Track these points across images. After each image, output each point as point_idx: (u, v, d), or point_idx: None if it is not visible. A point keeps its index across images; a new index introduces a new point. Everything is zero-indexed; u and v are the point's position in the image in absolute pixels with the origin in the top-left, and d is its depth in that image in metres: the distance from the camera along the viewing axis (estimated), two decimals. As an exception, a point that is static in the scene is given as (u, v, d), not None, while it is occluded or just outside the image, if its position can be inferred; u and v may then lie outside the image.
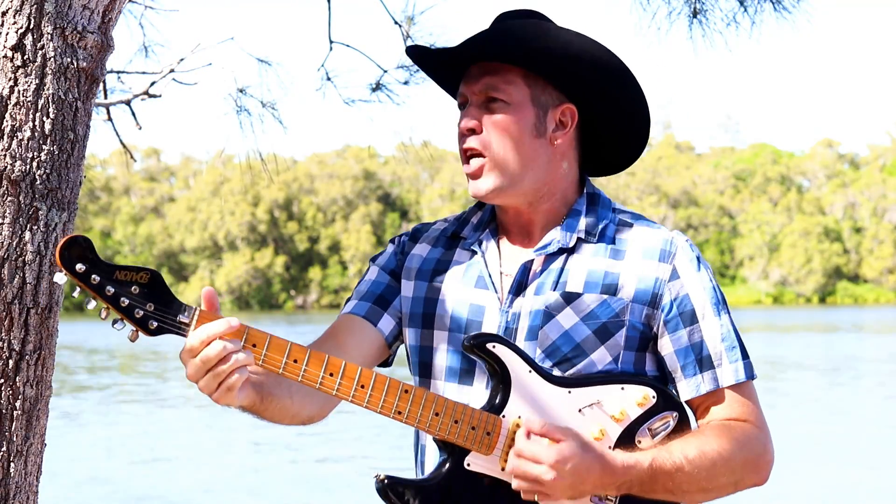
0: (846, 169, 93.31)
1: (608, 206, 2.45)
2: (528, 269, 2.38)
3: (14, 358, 2.22)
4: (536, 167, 2.38)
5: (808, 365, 27.31)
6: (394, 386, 2.22)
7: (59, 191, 2.25)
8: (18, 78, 2.21)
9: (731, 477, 2.30)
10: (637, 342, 2.34)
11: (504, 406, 2.26)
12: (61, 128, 2.25)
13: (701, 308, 2.35)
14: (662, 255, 2.37)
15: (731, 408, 2.35)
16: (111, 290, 2.07)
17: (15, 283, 2.21)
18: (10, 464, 2.23)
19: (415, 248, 2.52)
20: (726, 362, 2.35)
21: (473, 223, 2.50)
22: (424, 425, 2.24)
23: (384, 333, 2.45)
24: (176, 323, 2.10)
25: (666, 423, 2.31)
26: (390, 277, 2.50)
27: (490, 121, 2.37)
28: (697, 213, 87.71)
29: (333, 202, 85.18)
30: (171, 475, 13.08)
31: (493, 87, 2.37)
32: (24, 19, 2.21)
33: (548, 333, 2.33)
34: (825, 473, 12.69)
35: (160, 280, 2.11)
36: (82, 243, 2.05)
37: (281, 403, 2.24)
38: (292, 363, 2.17)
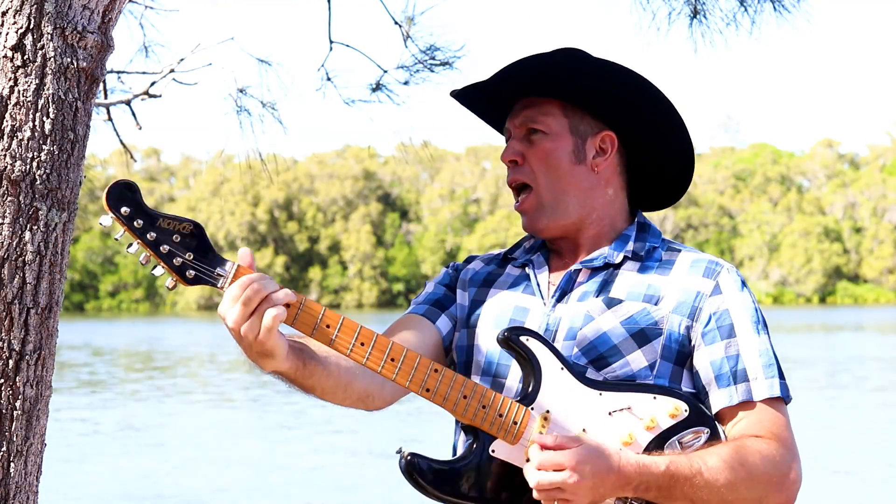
0: (846, 169, 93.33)
1: (658, 236, 2.52)
2: (573, 279, 2.44)
3: (14, 358, 2.22)
4: (579, 192, 2.47)
5: (808, 365, 27.31)
6: (424, 364, 2.24)
7: (59, 191, 2.25)
8: (18, 78, 2.21)
9: (753, 492, 2.28)
10: (674, 355, 2.36)
11: (534, 399, 2.28)
12: (61, 128, 2.25)
13: (740, 324, 2.37)
14: (707, 272, 2.41)
15: (760, 424, 2.34)
16: (153, 236, 2.12)
17: (15, 283, 2.21)
18: (10, 464, 2.23)
19: (470, 265, 2.61)
20: (762, 377, 2.35)
21: (525, 247, 2.60)
22: (451, 406, 2.25)
23: (442, 332, 2.50)
24: (213, 274, 2.14)
25: (697, 437, 2.30)
26: (446, 289, 2.57)
27: (530, 150, 2.48)
28: (697, 213, 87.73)
29: (333, 202, 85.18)
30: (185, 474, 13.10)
31: (532, 119, 2.48)
32: (24, 19, 2.21)
33: (586, 334, 2.36)
34: (825, 474, 12.69)
35: (202, 232, 2.15)
36: (129, 188, 2.11)
37: (326, 371, 2.25)
38: (325, 327, 2.19)
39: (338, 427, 16.29)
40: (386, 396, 2.39)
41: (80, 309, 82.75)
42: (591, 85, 2.45)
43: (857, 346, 34.48)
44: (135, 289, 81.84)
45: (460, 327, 2.52)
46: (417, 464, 2.24)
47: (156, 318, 73.75)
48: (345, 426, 16.36)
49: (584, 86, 2.45)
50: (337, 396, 2.31)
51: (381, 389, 2.36)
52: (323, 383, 2.26)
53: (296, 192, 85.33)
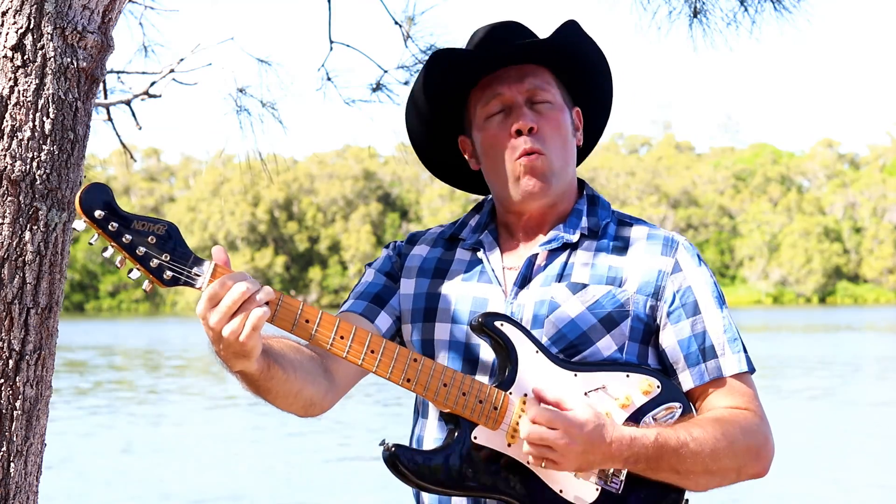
0: (846, 169, 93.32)
1: (607, 208, 2.50)
2: (533, 263, 2.42)
3: (14, 358, 2.22)
4: (572, 166, 2.48)
5: (808, 365, 27.31)
6: (403, 354, 2.24)
7: (59, 191, 2.25)
8: (18, 78, 2.21)
9: (734, 461, 2.32)
10: (641, 334, 2.37)
11: (511, 383, 2.29)
12: (61, 128, 2.25)
13: (703, 300, 2.39)
14: (664, 250, 2.41)
15: (732, 397, 2.37)
16: (128, 238, 2.10)
17: (15, 283, 2.21)
18: (10, 464, 2.23)
19: (413, 250, 2.54)
20: (729, 352, 2.38)
21: (472, 225, 2.53)
22: (432, 395, 2.25)
23: (381, 330, 2.46)
24: (191, 275, 2.13)
25: (671, 412, 2.33)
26: (386, 278, 2.52)
27: (542, 120, 2.42)
28: (697, 213, 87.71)
29: (333, 202, 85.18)
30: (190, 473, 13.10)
31: (539, 87, 2.44)
32: (24, 19, 2.21)
33: (554, 322, 2.35)
34: (825, 473, 12.69)
35: (177, 232, 2.13)
36: (102, 191, 2.08)
37: (285, 376, 2.23)
38: (304, 322, 2.18)
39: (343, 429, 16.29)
40: (325, 405, 2.37)
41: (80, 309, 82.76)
42: (580, 61, 2.47)
43: (857, 346, 34.48)
44: (135, 289, 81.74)
45: (411, 320, 2.47)
46: (400, 454, 2.24)
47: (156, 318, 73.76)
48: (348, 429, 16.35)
49: (577, 61, 2.46)
50: (287, 401, 2.28)
51: (322, 398, 2.35)
52: (279, 387, 2.24)
53: (296, 192, 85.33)
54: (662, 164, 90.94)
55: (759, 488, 11.08)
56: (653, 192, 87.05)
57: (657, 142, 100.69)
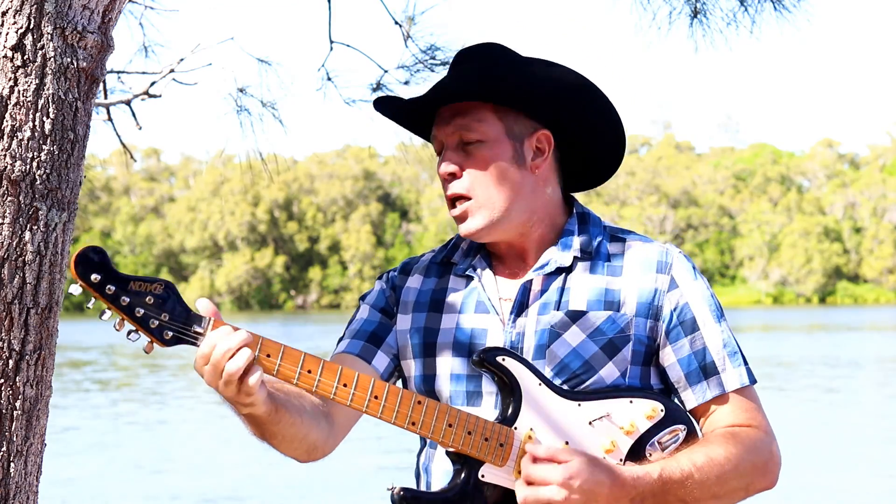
0: (846, 169, 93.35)
1: (598, 224, 2.46)
2: (528, 290, 2.38)
3: (14, 358, 2.22)
4: (522, 198, 2.38)
5: (808, 365, 27.31)
6: (407, 397, 2.22)
7: (59, 191, 2.25)
8: (18, 78, 2.21)
9: (741, 482, 2.30)
10: (642, 356, 2.35)
11: (516, 418, 2.26)
12: (61, 128, 2.25)
13: (701, 315, 2.37)
14: (659, 267, 2.39)
15: (735, 413, 2.36)
16: (126, 301, 2.09)
17: (15, 283, 2.21)
18: (10, 464, 2.23)
19: (408, 282, 2.50)
20: (730, 367, 2.36)
21: (463, 248, 2.49)
22: (438, 436, 2.23)
23: (379, 371, 2.43)
24: (191, 333, 2.13)
25: (675, 436, 2.32)
26: (381, 315, 2.48)
27: (469, 162, 2.37)
28: (697, 213, 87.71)
29: (333, 202, 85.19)
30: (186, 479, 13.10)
31: (466, 127, 2.37)
32: (24, 19, 2.21)
33: (555, 352, 2.33)
34: (825, 473, 12.69)
35: (174, 291, 2.12)
36: (97, 254, 2.08)
37: (292, 419, 2.23)
38: (306, 373, 2.17)
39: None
40: (327, 449, 2.36)
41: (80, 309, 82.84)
42: (522, 84, 2.36)
43: (857, 347, 34.48)
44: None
45: (411, 356, 2.44)
46: (409, 498, 2.23)
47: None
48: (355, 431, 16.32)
49: (514, 86, 2.36)
50: (292, 445, 2.28)
51: (324, 443, 2.34)
52: (285, 431, 2.23)
53: (296, 192, 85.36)
54: (662, 164, 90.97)
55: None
56: (653, 192, 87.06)
57: (657, 142, 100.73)
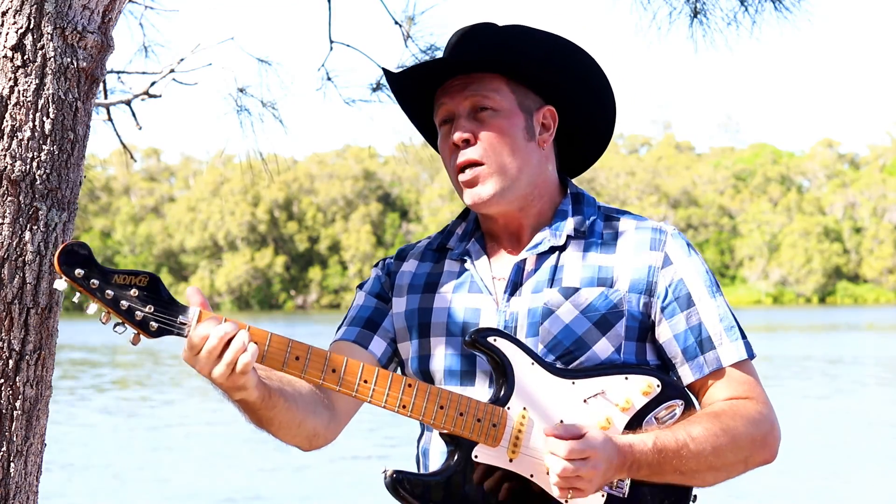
0: (846, 169, 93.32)
1: (593, 204, 2.47)
2: (522, 269, 2.40)
3: (14, 358, 2.22)
4: (529, 170, 2.41)
5: (808, 365, 27.30)
6: (397, 380, 2.24)
7: (59, 191, 2.25)
8: (18, 78, 2.21)
9: (739, 454, 2.31)
10: (637, 332, 2.36)
11: (508, 399, 2.27)
12: (61, 128, 2.25)
13: (696, 291, 2.37)
14: (653, 244, 2.39)
15: (733, 387, 2.36)
16: (111, 294, 2.11)
17: (15, 283, 2.21)
18: (10, 464, 2.23)
19: (403, 266, 2.52)
20: (727, 341, 2.36)
21: (458, 234, 2.51)
22: (430, 418, 2.24)
23: (376, 355, 2.45)
24: (176, 324, 2.13)
25: (672, 411, 2.32)
26: (377, 300, 2.50)
27: (483, 129, 2.38)
28: (697, 213, 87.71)
29: (333, 202, 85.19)
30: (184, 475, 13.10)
31: (482, 95, 2.39)
32: (24, 19, 2.21)
33: (549, 329, 2.33)
34: (824, 473, 12.69)
35: (159, 282, 2.14)
36: (80, 248, 2.09)
37: (287, 405, 2.24)
38: (294, 360, 2.18)
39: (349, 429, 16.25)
40: (329, 436, 2.37)
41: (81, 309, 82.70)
42: (534, 59, 2.39)
43: (857, 347, 34.47)
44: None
45: (407, 337, 2.45)
46: (402, 479, 2.24)
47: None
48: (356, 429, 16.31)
49: (529, 60, 2.39)
50: (290, 432, 2.29)
51: (325, 429, 2.35)
52: (281, 416, 2.25)
53: (296, 192, 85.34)
54: (662, 164, 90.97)
55: (760, 488, 11.09)
56: (653, 192, 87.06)
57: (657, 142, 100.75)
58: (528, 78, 2.42)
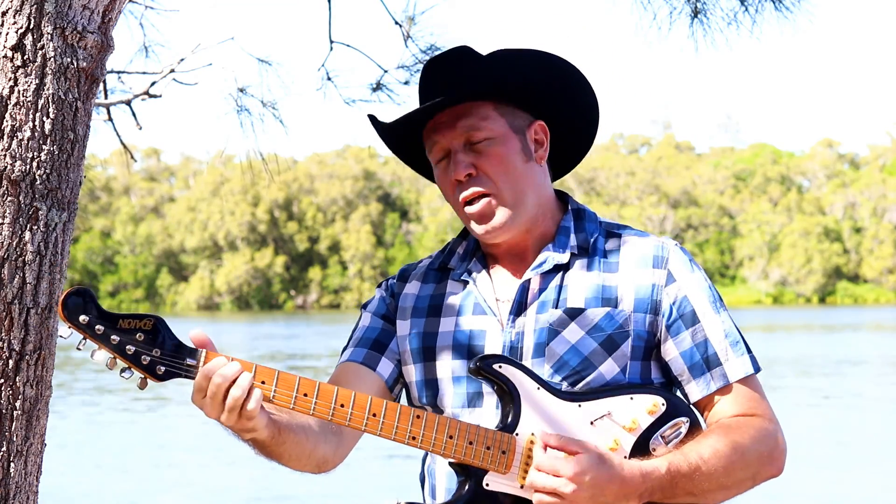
0: (846, 169, 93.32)
1: (595, 220, 2.47)
2: (527, 289, 2.39)
3: (14, 358, 2.22)
4: (534, 191, 2.41)
5: (808, 365, 27.31)
6: (405, 412, 2.22)
7: (59, 191, 2.25)
8: (18, 78, 2.21)
9: (748, 471, 2.31)
10: (642, 351, 2.35)
11: (516, 424, 2.26)
12: (61, 128, 2.25)
13: (700, 307, 2.37)
14: (656, 262, 2.38)
15: (739, 403, 2.36)
16: (116, 339, 2.10)
17: (15, 283, 2.21)
18: (10, 464, 2.23)
19: (406, 288, 2.51)
20: (733, 357, 2.36)
21: (460, 253, 2.50)
22: (440, 449, 2.23)
23: (384, 377, 2.44)
24: (184, 366, 2.13)
25: (678, 429, 2.32)
26: (383, 322, 2.49)
27: (482, 160, 2.37)
28: (697, 213, 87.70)
29: (333, 202, 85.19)
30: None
31: (474, 126, 2.37)
32: (24, 19, 2.21)
33: (555, 349, 2.33)
34: (824, 473, 12.69)
35: (164, 325, 2.13)
36: (83, 295, 2.09)
37: (296, 438, 2.24)
38: (302, 397, 2.18)
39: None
40: (337, 460, 2.38)
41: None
42: (518, 78, 2.38)
43: (857, 347, 34.47)
44: (135, 289, 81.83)
45: (412, 361, 2.44)
46: None
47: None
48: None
49: (514, 81, 2.38)
50: (301, 462, 2.29)
51: (333, 455, 2.36)
52: (291, 450, 2.25)
53: (296, 192, 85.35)
54: (662, 164, 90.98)
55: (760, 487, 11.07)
56: (653, 192, 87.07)
57: (657, 142, 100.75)
58: (514, 98, 2.41)
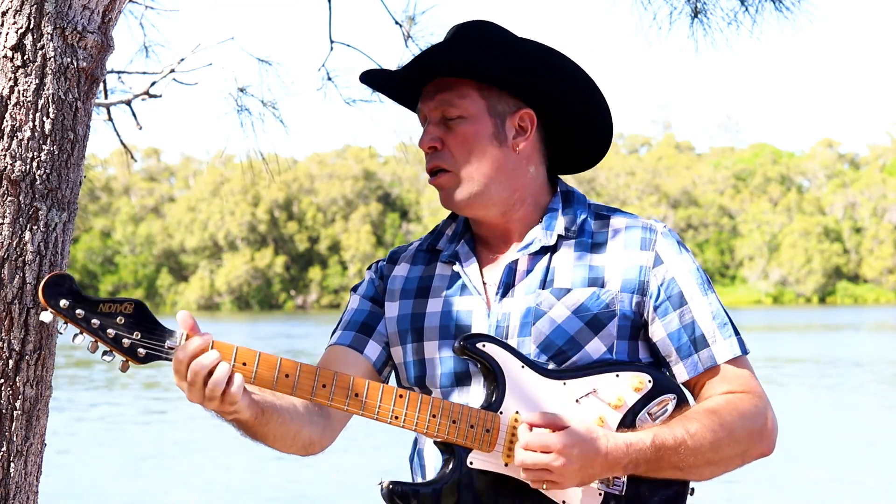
0: (846, 169, 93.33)
1: (583, 202, 2.47)
2: (514, 270, 2.40)
3: (14, 358, 2.22)
4: (502, 175, 2.41)
5: (808, 365, 27.31)
6: (388, 392, 2.24)
7: (59, 191, 2.25)
8: (18, 78, 2.21)
9: (736, 448, 2.32)
10: (629, 331, 2.36)
11: (500, 403, 2.28)
12: (61, 128, 2.25)
13: (688, 289, 2.38)
14: (644, 243, 2.39)
15: (728, 382, 2.37)
16: (97, 323, 2.13)
17: (15, 283, 2.21)
18: (10, 464, 2.23)
19: (395, 270, 2.53)
20: (720, 339, 2.37)
21: (448, 235, 2.52)
22: (423, 428, 2.25)
23: (371, 359, 2.45)
24: (164, 349, 2.15)
25: (664, 406, 2.33)
26: (371, 304, 2.50)
27: (450, 136, 2.40)
28: (697, 213, 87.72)
29: (333, 202, 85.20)
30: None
31: (448, 102, 2.40)
32: (24, 19, 2.21)
33: (541, 329, 2.33)
34: (823, 474, 12.69)
35: (145, 309, 2.15)
36: (64, 280, 2.11)
37: (281, 419, 2.25)
38: (284, 377, 2.19)
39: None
40: (325, 442, 2.38)
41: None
42: (505, 62, 2.38)
43: (857, 347, 34.48)
44: (135, 289, 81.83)
45: (400, 342, 2.45)
46: (399, 490, 2.25)
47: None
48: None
49: (499, 63, 2.38)
50: (285, 443, 2.30)
51: (321, 437, 2.36)
52: (275, 431, 2.26)
53: (296, 192, 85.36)
54: (662, 164, 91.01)
55: (761, 486, 11.09)
56: (653, 192, 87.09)
57: (657, 142, 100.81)
58: (500, 82, 2.41)
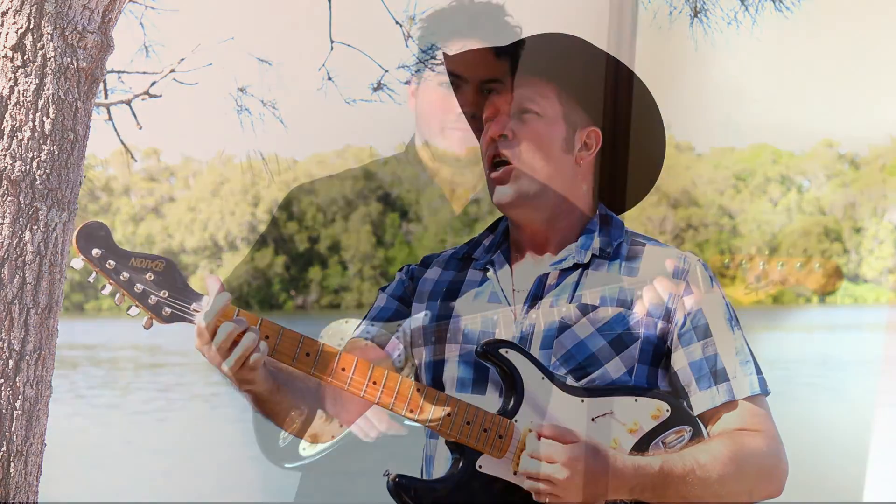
0: (846, 169, 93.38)
1: (621, 227, 2.48)
2: (544, 283, 2.40)
3: (14, 358, 2.22)
4: (561, 182, 2.42)
5: (808, 364, 27.29)
6: (406, 384, 2.24)
7: (59, 191, 2.25)
8: (18, 78, 2.21)
9: (744, 485, 2.31)
10: (651, 356, 2.36)
11: (516, 411, 2.27)
12: (61, 128, 2.25)
13: (714, 322, 2.38)
14: (676, 272, 2.40)
15: (744, 419, 2.35)
16: (126, 276, 2.14)
17: (15, 283, 2.21)
18: (10, 464, 2.23)
19: (426, 273, 2.53)
20: (741, 375, 2.36)
21: (485, 245, 2.52)
22: (436, 424, 2.25)
23: (392, 356, 2.45)
24: (189, 311, 2.16)
25: (680, 437, 2.32)
26: (398, 303, 2.51)
27: (523, 129, 2.41)
28: (697, 213, 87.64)
29: (333, 202, 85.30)
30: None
31: (529, 98, 2.42)
32: (24, 19, 2.21)
33: (563, 342, 2.34)
34: (823, 473, 12.68)
35: (175, 268, 2.17)
36: (99, 230, 2.12)
37: (293, 400, 2.26)
38: (304, 356, 2.19)
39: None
40: (334, 432, 2.44)
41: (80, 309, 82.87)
42: (590, 77, 2.41)
43: (857, 347, 34.46)
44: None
45: (422, 343, 2.46)
46: (405, 484, 2.24)
47: (156, 318, 73.62)
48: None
49: (584, 76, 2.41)
50: (295, 426, 2.31)
51: (331, 426, 2.37)
52: (287, 410, 2.27)
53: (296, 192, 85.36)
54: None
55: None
56: (653, 191, 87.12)
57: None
58: (580, 95, 2.43)
